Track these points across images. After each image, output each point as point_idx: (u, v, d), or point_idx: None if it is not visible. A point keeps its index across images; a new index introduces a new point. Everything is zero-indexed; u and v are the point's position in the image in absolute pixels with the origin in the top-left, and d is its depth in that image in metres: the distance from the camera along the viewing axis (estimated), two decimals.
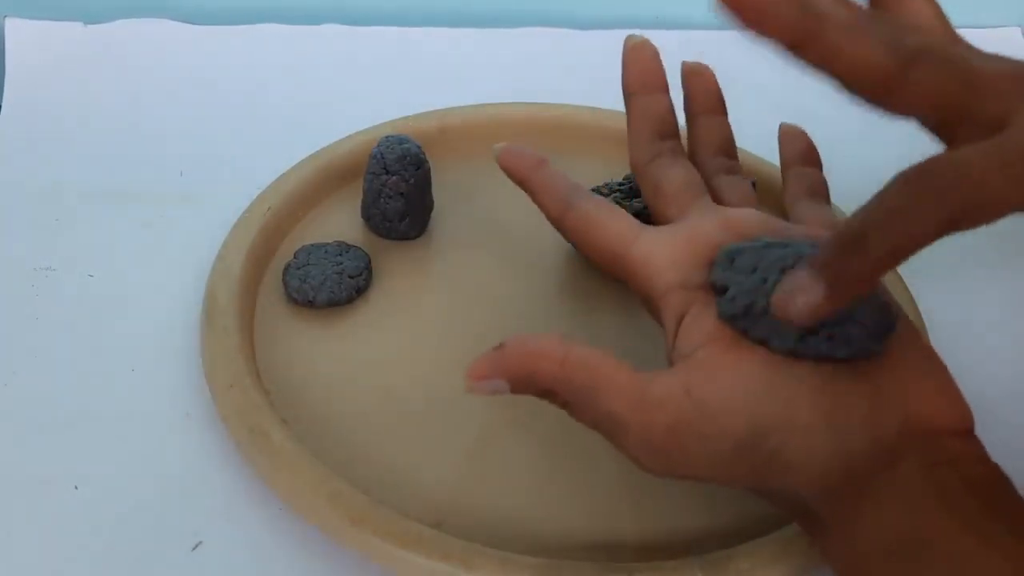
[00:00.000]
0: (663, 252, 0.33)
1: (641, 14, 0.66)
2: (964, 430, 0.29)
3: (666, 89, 0.38)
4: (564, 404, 0.30)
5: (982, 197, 0.25)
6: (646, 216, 0.42)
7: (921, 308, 0.43)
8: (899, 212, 0.25)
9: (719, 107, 0.40)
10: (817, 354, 0.29)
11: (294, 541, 0.35)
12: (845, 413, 0.28)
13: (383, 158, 0.45)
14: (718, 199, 0.36)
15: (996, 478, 0.28)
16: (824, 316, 0.27)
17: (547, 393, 0.30)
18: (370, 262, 0.44)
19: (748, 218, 0.34)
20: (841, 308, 0.27)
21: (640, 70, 0.38)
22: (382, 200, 0.45)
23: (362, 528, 0.33)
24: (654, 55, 0.38)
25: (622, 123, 0.39)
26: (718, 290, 0.31)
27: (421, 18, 0.64)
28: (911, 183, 0.26)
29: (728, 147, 0.39)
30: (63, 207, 0.47)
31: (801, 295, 0.27)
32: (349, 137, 0.50)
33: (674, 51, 0.40)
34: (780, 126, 0.42)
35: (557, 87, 0.54)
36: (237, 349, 0.39)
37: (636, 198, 0.44)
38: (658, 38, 0.39)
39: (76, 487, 0.36)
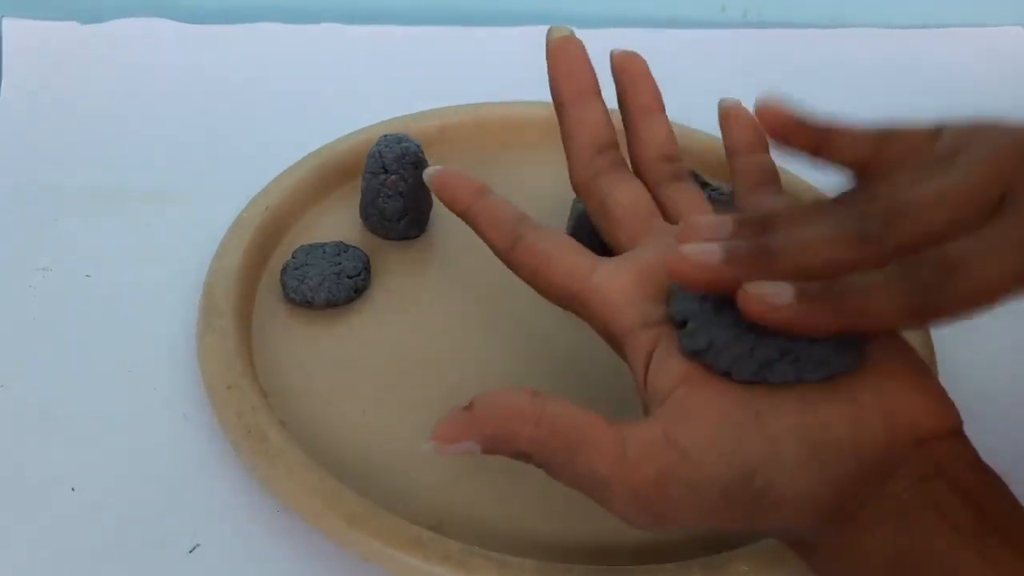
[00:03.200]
0: (620, 288, 0.32)
1: (642, 13, 0.66)
2: (952, 431, 0.28)
3: (599, 92, 0.36)
4: (540, 465, 0.28)
5: (974, 282, 0.26)
6: None
7: None
8: (879, 288, 0.27)
9: (656, 104, 0.37)
10: (784, 380, 0.28)
11: (292, 543, 0.34)
12: (829, 440, 0.27)
13: (382, 157, 0.45)
14: (667, 213, 0.35)
15: (989, 483, 0.28)
16: (784, 324, 0.27)
17: (522, 455, 0.28)
18: (369, 262, 0.44)
19: None
20: (801, 331, 0.27)
21: (570, 74, 0.36)
22: (381, 199, 0.45)
23: (360, 530, 0.33)
24: (581, 53, 0.36)
25: (622, 140, 0.38)
26: (677, 324, 0.30)
27: (420, 16, 0.64)
28: (901, 266, 0.27)
29: (670, 148, 0.37)
30: (60, 207, 0.47)
31: (778, 298, 0.27)
32: (347, 136, 0.50)
33: (675, 51, 0.39)
34: (720, 104, 0.38)
35: None
36: (235, 350, 0.39)
37: None
38: (659, 37, 0.39)
39: (73, 489, 0.36)
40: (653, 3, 0.67)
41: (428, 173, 0.36)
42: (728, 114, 0.38)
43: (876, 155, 0.32)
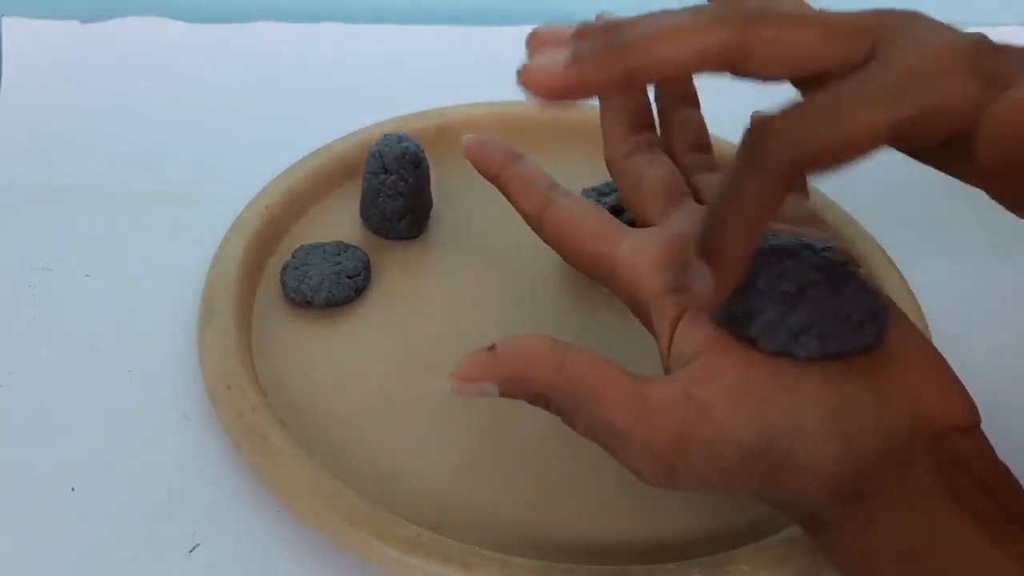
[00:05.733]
0: (650, 255, 0.32)
1: (642, 10, 0.65)
2: (971, 426, 0.29)
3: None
4: (558, 412, 0.29)
5: (848, 129, 0.24)
6: None
7: (923, 310, 0.43)
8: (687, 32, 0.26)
9: (692, 99, 0.38)
10: (809, 353, 0.29)
11: (292, 543, 0.34)
12: (853, 416, 0.28)
13: (382, 157, 0.45)
14: (699, 198, 0.35)
15: (1005, 477, 0.28)
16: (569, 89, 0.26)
17: (540, 399, 0.28)
18: (368, 262, 0.44)
19: None
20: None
21: None
22: (381, 199, 0.45)
23: (360, 530, 0.33)
24: None
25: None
26: None
27: (420, 16, 0.64)
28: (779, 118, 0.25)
29: (703, 141, 0.38)
30: (60, 206, 0.47)
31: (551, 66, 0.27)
32: (347, 136, 0.50)
33: None
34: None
35: None
36: (235, 349, 0.39)
37: None
38: None
39: (73, 488, 0.36)
40: (653, 3, 0.66)
41: (465, 139, 0.36)
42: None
43: None
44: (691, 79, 0.38)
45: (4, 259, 0.44)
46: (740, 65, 0.27)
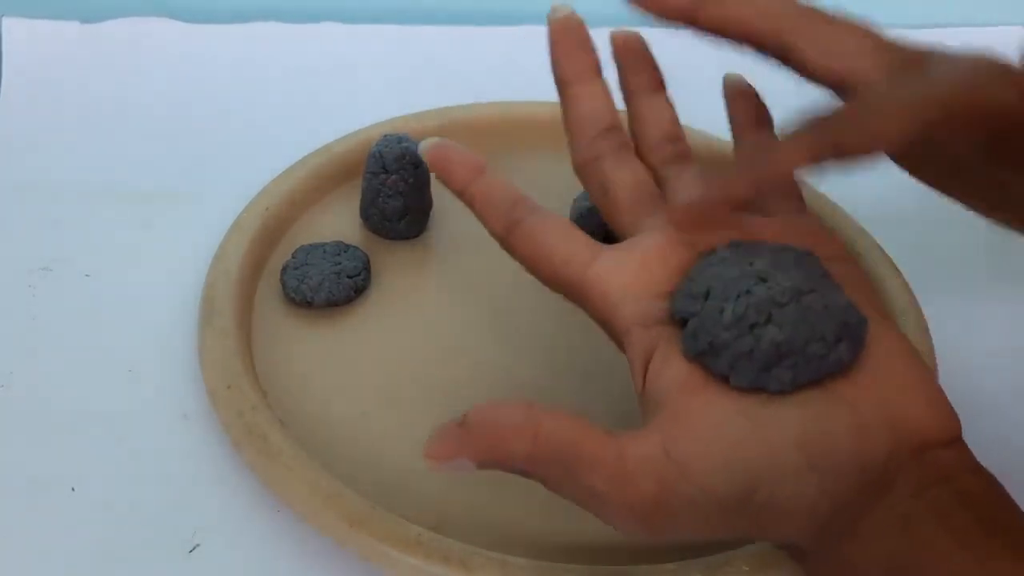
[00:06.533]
0: (621, 281, 0.31)
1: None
2: (951, 439, 0.28)
3: (600, 72, 0.36)
4: (538, 479, 0.28)
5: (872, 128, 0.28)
6: None
7: (926, 313, 0.43)
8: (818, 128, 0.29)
9: (658, 83, 0.37)
10: (782, 386, 0.28)
11: (292, 543, 0.34)
12: (830, 450, 0.27)
13: (382, 157, 0.45)
14: (668, 193, 0.34)
15: (989, 489, 0.27)
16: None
17: (517, 471, 0.27)
18: (369, 262, 0.44)
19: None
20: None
21: (571, 52, 0.35)
22: (381, 199, 0.45)
23: (360, 530, 0.33)
24: (583, 31, 0.36)
25: (624, 121, 0.38)
26: (680, 324, 0.30)
27: (420, 16, 0.64)
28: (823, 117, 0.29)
29: (673, 128, 0.36)
30: (60, 206, 0.47)
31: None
32: (347, 136, 0.49)
33: (675, 49, 0.39)
34: (724, 79, 0.38)
35: None
36: (235, 349, 0.39)
37: None
38: (659, 35, 0.38)
39: (73, 488, 0.36)
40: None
41: (424, 145, 0.35)
42: (731, 88, 0.38)
43: None
44: (657, 67, 0.37)
45: (4, 259, 0.44)
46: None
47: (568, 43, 0.36)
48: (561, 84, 0.36)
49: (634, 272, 0.31)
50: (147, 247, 0.46)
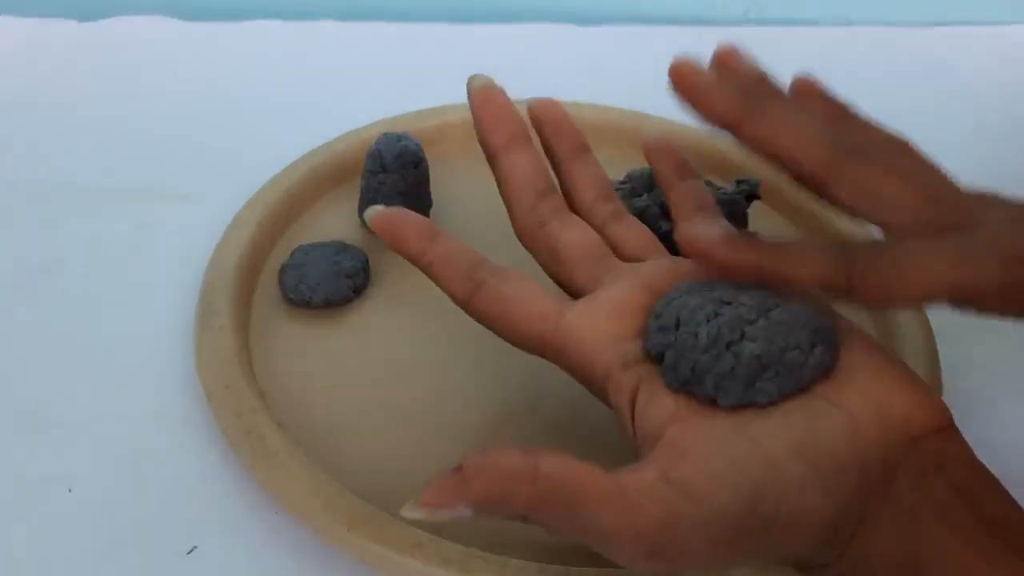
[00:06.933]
0: (593, 331, 0.31)
1: (642, 9, 0.65)
2: (943, 425, 0.28)
3: (529, 138, 0.36)
4: (540, 523, 0.27)
5: (928, 282, 0.27)
6: (648, 216, 0.42)
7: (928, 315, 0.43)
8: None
9: (583, 146, 0.37)
10: (769, 398, 0.28)
11: (290, 546, 0.34)
12: (828, 452, 0.27)
13: (381, 156, 0.44)
14: (618, 251, 0.35)
15: (986, 483, 0.28)
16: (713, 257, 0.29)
17: (517, 517, 0.26)
18: (368, 261, 0.44)
19: (660, 271, 0.33)
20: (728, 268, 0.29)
21: (497, 121, 0.36)
22: (380, 198, 0.45)
23: (359, 533, 0.32)
24: (505, 100, 0.36)
25: (624, 120, 0.38)
26: (656, 359, 0.30)
27: (419, 14, 0.64)
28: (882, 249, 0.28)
29: (605, 188, 0.37)
30: (57, 206, 0.47)
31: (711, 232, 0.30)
32: (347, 135, 0.49)
33: (675, 49, 0.39)
34: (643, 145, 0.38)
35: (557, 83, 0.54)
36: (233, 350, 0.38)
37: (637, 196, 0.43)
38: (658, 34, 0.38)
39: (70, 490, 0.36)
40: (653, 0, 0.66)
41: (369, 214, 0.34)
42: (651, 149, 0.38)
43: None
44: (577, 130, 0.38)
45: (4, 259, 0.44)
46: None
47: (492, 112, 0.36)
48: (491, 154, 0.36)
49: (604, 319, 0.32)
50: (145, 247, 0.45)
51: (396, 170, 0.44)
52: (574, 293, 0.34)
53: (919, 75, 0.62)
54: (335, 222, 0.47)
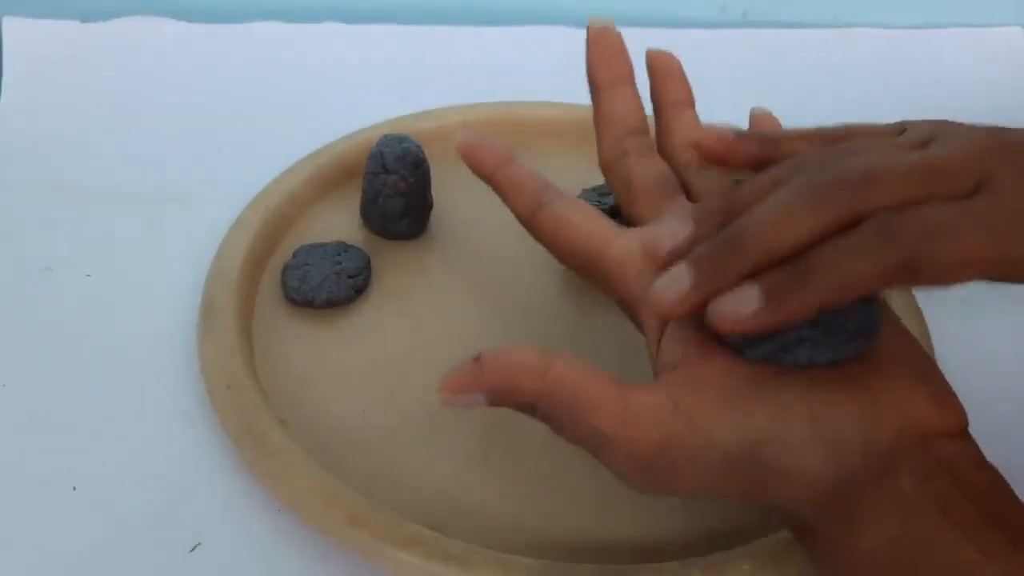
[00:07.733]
0: (637, 256, 0.32)
1: (642, 12, 0.65)
2: (958, 430, 0.28)
3: (633, 80, 0.37)
4: (544, 419, 0.29)
5: (949, 252, 0.26)
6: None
7: (926, 314, 0.43)
8: (853, 250, 0.26)
9: (687, 99, 0.38)
10: (797, 362, 0.28)
11: (293, 542, 0.34)
12: (837, 424, 0.28)
13: (382, 157, 0.45)
14: (691, 195, 0.35)
15: (994, 482, 0.28)
16: (764, 329, 0.27)
17: (527, 407, 0.28)
18: (369, 262, 0.44)
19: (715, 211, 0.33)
20: (786, 326, 0.27)
21: (606, 60, 0.37)
22: (381, 199, 0.45)
23: (361, 529, 0.33)
24: (619, 42, 0.37)
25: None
26: None
27: (421, 16, 0.64)
28: (878, 224, 0.26)
29: (695, 138, 0.37)
30: (61, 207, 0.47)
31: (744, 308, 0.27)
32: (348, 136, 0.50)
33: (674, 51, 0.39)
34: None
35: (557, 85, 0.54)
36: (235, 349, 0.39)
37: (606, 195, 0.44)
38: (658, 36, 0.38)
39: (74, 488, 0.36)
40: (652, 2, 0.66)
41: (458, 139, 0.37)
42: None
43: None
44: (687, 85, 0.38)
45: (4, 259, 0.44)
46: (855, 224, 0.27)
47: (604, 50, 0.37)
48: (595, 87, 0.37)
49: (649, 248, 0.32)
50: (148, 247, 0.46)
51: (397, 171, 0.45)
52: (638, 222, 0.35)
53: (915, 77, 0.62)
54: (337, 223, 0.47)
